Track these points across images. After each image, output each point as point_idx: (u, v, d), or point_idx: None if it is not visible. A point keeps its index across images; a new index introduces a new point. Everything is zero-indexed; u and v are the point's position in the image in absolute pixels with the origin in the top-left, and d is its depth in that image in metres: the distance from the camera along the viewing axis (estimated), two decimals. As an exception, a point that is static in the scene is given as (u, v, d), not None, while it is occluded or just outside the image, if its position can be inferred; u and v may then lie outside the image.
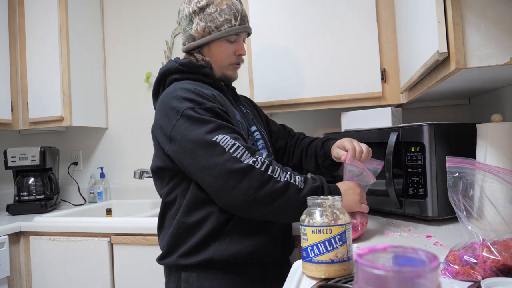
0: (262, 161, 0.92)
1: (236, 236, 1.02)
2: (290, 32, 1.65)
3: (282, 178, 0.92)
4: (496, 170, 0.76)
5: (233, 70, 1.18)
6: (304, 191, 0.93)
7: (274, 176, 0.91)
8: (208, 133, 0.93)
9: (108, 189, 2.30)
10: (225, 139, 0.92)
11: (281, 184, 0.91)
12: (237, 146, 0.92)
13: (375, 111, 1.52)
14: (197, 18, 1.12)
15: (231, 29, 1.11)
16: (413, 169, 1.18)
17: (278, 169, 0.93)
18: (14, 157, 2.02)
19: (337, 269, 0.72)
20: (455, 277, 0.68)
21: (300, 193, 0.92)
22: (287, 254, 1.18)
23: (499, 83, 1.24)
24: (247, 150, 0.92)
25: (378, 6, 1.56)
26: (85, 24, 2.22)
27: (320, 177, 1.00)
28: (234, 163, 0.90)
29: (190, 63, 1.11)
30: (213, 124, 0.94)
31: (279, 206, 0.92)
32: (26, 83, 2.10)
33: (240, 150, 0.91)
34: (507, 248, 0.66)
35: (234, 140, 0.92)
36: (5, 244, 1.63)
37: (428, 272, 0.34)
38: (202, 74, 1.12)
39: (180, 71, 1.11)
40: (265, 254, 1.06)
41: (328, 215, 0.74)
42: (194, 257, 1.01)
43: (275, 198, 0.91)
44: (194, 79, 1.10)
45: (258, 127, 1.21)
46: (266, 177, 0.90)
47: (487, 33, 0.82)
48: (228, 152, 0.90)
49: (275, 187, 0.90)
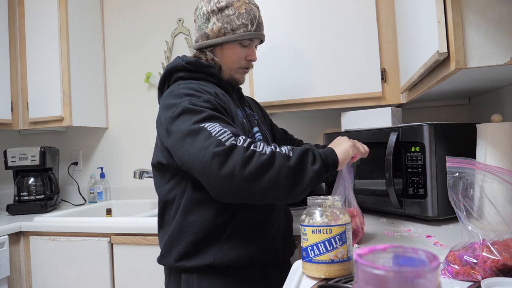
0: (244, 139, 0.88)
1: (236, 241, 1.02)
2: (290, 32, 1.65)
3: (267, 150, 0.87)
4: (496, 170, 0.76)
5: (241, 74, 1.19)
6: (294, 157, 0.88)
7: (258, 149, 0.87)
8: (197, 122, 0.91)
9: (108, 189, 2.30)
10: (213, 126, 0.89)
11: (266, 155, 0.86)
12: (224, 131, 0.88)
13: (375, 111, 1.52)
14: (214, 17, 1.12)
15: (246, 34, 1.12)
16: (413, 169, 1.18)
17: (262, 144, 0.89)
18: (14, 157, 2.02)
19: (337, 269, 0.72)
20: (455, 277, 0.68)
21: (289, 160, 0.87)
22: (288, 256, 1.18)
23: (499, 83, 1.24)
24: (233, 135, 0.88)
25: (378, 6, 1.56)
26: (85, 24, 2.22)
27: (308, 143, 1.00)
28: (217, 146, 0.86)
29: (196, 62, 1.11)
30: (205, 113, 0.92)
31: (271, 179, 0.85)
32: (26, 83, 2.10)
33: (227, 134, 0.87)
34: (507, 248, 0.66)
35: (223, 127, 0.89)
36: (5, 244, 1.63)
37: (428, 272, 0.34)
38: (208, 74, 1.12)
39: (186, 69, 1.11)
40: (265, 257, 1.06)
41: (328, 215, 0.74)
42: (194, 260, 1.01)
43: (264, 171, 0.85)
44: (199, 78, 1.11)
45: (261, 128, 1.22)
46: (250, 152, 0.86)
47: (487, 33, 0.82)
48: (214, 136, 0.87)
49: (261, 159, 0.85)
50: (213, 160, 0.85)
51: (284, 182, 0.86)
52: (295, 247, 1.23)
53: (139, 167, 2.19)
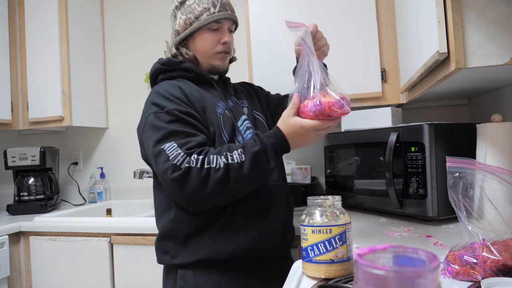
0: (196, 158, 0.91)
1: (231, 234, 1.01)
2: (290, 32, 1.64)
3: (220, 164, 0.90)
4: (496, 170, 0.76)
5: (220, 60, 1.16)
6: (246, 164, 0.90)
7: (212, 166, 0.90)
8: (158, 141, 0.95)
9: (108, 189, 2.30)
10: (171, 147, 0.93)
11: (220, 171, 0.90)
12: (178, 153, 0.91)
13: (375, 111, 1.52)
14: (179, 12, 1.15)
15: (210, 17, 1.11)
16: (413, 169, 1.18)
17: (215, 157, 0.91)
18: (14, 157, 2.02)
19: (337, 269, 0.72)
20: (455, 277, 0.68)
21: (242, 169, 0.90)
22: (287, 247, 1.16)
23: (499, 83, 1.24)
24: (187, 155, 0.91)
25: (378, 6, 1.56)
26: (85, 24, 2.22)
27: (259, 137, 0.94)
28: (173, 171, 0.90)
29: (169, 61, 1.14)
30: (164, 131, 0.96)
31: (232, 190, 0.92)
32: (26, 83, 2.10)
33: (181, 157, 0.91)
34: (507, 248, 0.66)
35: (179, 147, 0.92)
36: (5, 244, 1.63)
37: (428, 272, 0.34)
38: (183, 70, 1.13)
39: (163, 70, 1.15)
40: (262, 250, 1.05)
41: (328, 215, 0.74)
42: (189, 255, 1.01)
43: (223, 186, 0.90)
44: (178, 76, 1.13)
45: (251, 114, 1.19)
46: (205, 171, 0.90)
47: (487, 33, 0.82)
48: (170, 161, 0.91)
49: (216, 177, 0.89)
50: (174, 186, 0.91)
51: (245, 188, 0.94)
52: (293, 237, 1.20)
53: (139, 167, 2.18)
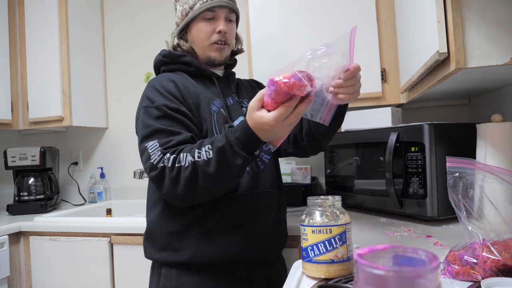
0: (168, 157, 0.90)
1: (214, 240, 0.99)
2: (290, 31, 1.65)
3: (188, 162, 0.88)
4: (496, 170, 0.76)
5: (216, 51, 1.12)
6: (213, 161, 0.86)
7: (182, 164, 0.88)
8: (144, 139, 0.96)
9: (108, 189, 2.30)
10: (153, 146, 0.93)
11: (188, 169, 0.87)
12: (157, 152, 0.92)
13: (375, 111, 1.52)
14: (177, 4, 1.15)
15: (203, 5, 1.09)
16: (413, 169, 1.18)
17: (185, 155, 0.89)
18: (14, 157, 2.02)
19: (337, 269, 0.72)
20: (455, 277, 0.68)
21: (209, 166, 0.86)
22: (278, 251, 1.14)
23: (499, 83, 1.24)
24: (163, 154, 0.91)
25: (378, 6, 1.56)
26: (85, 24, 2.22)
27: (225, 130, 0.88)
28: (151, 170, 0.92)
29: (170, 53, 1.13)
30: (150, 129, 0.96)
31: (203, 188, 0.89)
32: (26, 83, 2.10)
33: (157, 156, 0.91)
34: (507, 248, 0.66)
35: (160, 146, 0.92)
36: (5, 244, 1.63)
37: (428, 272, 0.34)
38: (183, 63, 1.12)
39: (164, 62, 1.14)
40: (247, 257, 1.03)
41: (328, 215, 0.74)
42: (172, 254, 1.01)
43: (193, 185, 0.88)
44: (178, 69, 1.12)
45: None
46: (175, 171, 0.89)
47: (487, 33, 0.82)
48: (150, 159, 0.92)
49: (185, 175, 0.88)
50: (155, 184, 0.93)
51: (218, 185, 0.91)
52: (286, 240, 1.18)
53: (139, 167, 2.18)
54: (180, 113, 0.99)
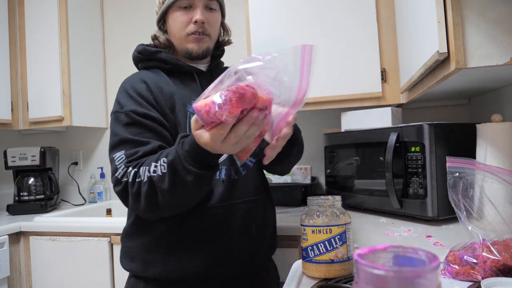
0: (130, 172, 0.84)
1: (184, 253, 0.92)
2: (290, 31, 1.65)
3: (145, 177, 0.81)
4: (496, 170, 0.76)
5: (194, 42, 1.02)
6: (166, 175, 0.79)
7: (141, 179, 0.82)
8: (112, 148, 0.92)
9: (108, 189, 2.30)
10: (119, 158, 0.88)
11: (146, 185, 0.81)
12: (121, 165, 0.87)
13: (375, 111, 1.52)
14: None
15: None
16: (413, 169, 1.18)
17: (144, 169, 0.82)
18: (14, 157, 2.02)
19: (337, 269, 0.72)
20: (455, 277, 0.68)
21: (164, 182, 0.79)
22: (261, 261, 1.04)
23: (499, 83, 1.24)
24: (126, 168, 0.86)
25: (378, 6, 1.56)
26: (85, 24, 2.22)
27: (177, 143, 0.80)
28: (115, 185, 0.87)
29: (144, 49, 1.06)
30: (117, 138, 0.92)
31: (163, 203, 0.82)
32: (26, 83, 2.10)
33: (121, 170, 0.86)
34: (507, 248, 0.66)
35: (126, 158, 0.87)
36: (5, 244, 1.63)
37: (428, 272, 0.34)
38: (159, 60, 1.04)
39: (140, 59, 1.07)
40: (222, 271, 0.95)
41: (328, 215, 0.74)
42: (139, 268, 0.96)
43: (153, 199, 0.82)
44: (155, 66, 1.04)
45: None
46: (136, 186, 0.83)
47: (487, 33, 0.82)
48: (115, 173, 0.87)
49: (144, 191, 0.81)
50: (119, 198, 0.89)
51: (178, 203, 0.84)
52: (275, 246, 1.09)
53: (139, 167, 2.19)
54: (149, 118, 0.92)
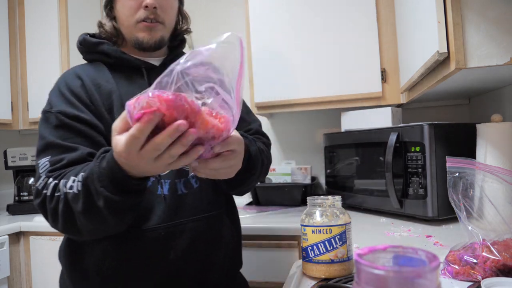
0: (50, 183, 0.74)
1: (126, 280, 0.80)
2: (290, 32, 1.65)
3: (62, 194, 0.70)
4: (496, 170, 0.76)
5: (144, 30, 0.89)
6: (80, 195, 0.67)
7: (59, 194, 0.71)
8: (38, 153, 0.81)
9: (108, 189, 2.30)
10: (43, 165, 0.77)
11: (62, 202, 0.70)
12: (43, 174, 0.76)
13: (375, 111, 1.52)
14: None
15: None
16: (413, 169, 1.18)
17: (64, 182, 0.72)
18: (14, 157, 2.02)
19: (337, 269, 0.73)
20: (455, 277, 0.68)
21: (77, 202, 0.68)
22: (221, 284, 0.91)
23: (499, 83, 1.24)
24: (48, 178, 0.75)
25: (378, 6, 1.56)
26: (85, 24, 2.22)
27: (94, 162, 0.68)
28: (35, 196, 0.76)
29: (84, 41, 0.93)
30: (43, 141, 0.81)
31: (80, 225, 0.70)
32: (26, 83, 2.10)
33: (42, 180, 0.75)
34: (507, 248, 0.66)
35: (50, 166, 0.76)
36: (5, 244, 1.63)
37: (428, 272, 0.34)
38: (101, 53, 0.91)
39: (82, 51, 0.95)
40: None
41: (328, 215, 0.74)
42: None
43: (71, 219, 0.70)
44: (96, 59, 0.92)
45: None
46: (54, 201, 0.72)
47: (487, 33, 0.82)
48: (36, 183, 0.77)
49: (61, 208, 0.70)
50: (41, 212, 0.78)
51: (90, 226, 0.71)
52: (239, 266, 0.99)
53: (139, 167, 2.19)
54: (80, 121, 0.81)
